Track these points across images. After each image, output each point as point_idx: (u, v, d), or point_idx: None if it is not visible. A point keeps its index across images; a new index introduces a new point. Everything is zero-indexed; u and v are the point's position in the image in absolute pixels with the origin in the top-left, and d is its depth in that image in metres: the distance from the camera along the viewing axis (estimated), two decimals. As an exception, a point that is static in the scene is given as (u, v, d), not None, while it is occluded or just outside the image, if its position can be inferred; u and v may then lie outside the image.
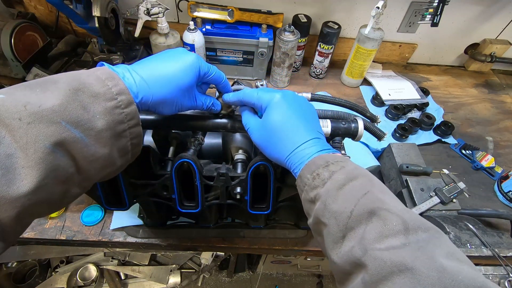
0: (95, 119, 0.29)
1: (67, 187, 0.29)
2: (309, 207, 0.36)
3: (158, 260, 1.53)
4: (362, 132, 0.48)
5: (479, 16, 1.07)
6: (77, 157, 0.29)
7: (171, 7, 1.00)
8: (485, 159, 0.88)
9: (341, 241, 0.31)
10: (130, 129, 0.33)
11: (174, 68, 0.38)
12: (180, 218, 0.68)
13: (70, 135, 0.27)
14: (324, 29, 0.97)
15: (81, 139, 0.28)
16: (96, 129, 0.29)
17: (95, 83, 0.30)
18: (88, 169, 0.30)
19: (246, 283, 1.62)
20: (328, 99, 0.55)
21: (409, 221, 0.29)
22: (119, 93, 0.31)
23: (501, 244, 0.71)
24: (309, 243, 0.70)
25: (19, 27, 0.82)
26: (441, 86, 1.16)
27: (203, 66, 0.41)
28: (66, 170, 0.28)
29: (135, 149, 0.36)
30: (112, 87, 0.31)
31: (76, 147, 0.28)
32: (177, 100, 0.39)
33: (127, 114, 0.32)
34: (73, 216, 0.69)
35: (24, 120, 0.25)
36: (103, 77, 0.31)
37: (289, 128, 0.39)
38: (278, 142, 0.39)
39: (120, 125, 0.32)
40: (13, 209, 0.25)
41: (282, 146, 0.39)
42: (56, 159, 0.27)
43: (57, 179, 0.27)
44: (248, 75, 1.07)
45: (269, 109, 0.40)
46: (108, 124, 0.30)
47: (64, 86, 0.29)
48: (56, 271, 1.40)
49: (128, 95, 0.32)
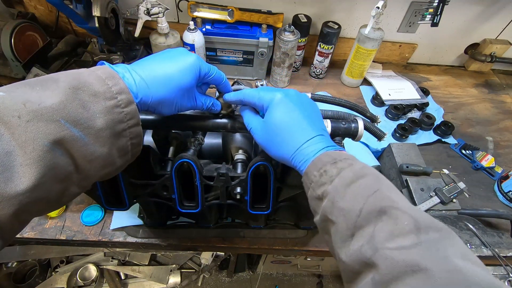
0: (95, 118, 0.29)
1: (66, 186, 0.29)
2: (316, 204, 0.36)
3: (158, 260, 1.53)
4: (362, 132, 0.48)
5: (479, 16, 1.07)
6: (76, 155, 0.29)
7: (171, 7, 1.00)
8: (485, 159, 0.88)
9: (350, 240, 0.31)
10: (130, 128, 0.33)
11: (174, 69, 0.38)
12: (180, 218, 0.68)
13: (69, 134, 0.27)
14: (324, 29, 0.97)
15: (80, 137, 0.28)
16: (95, 128, 0.29)
17: (95, 82, 0.30)
18: (87, 168, 0.30)
19: (246, 283, 1.62)
20: (328, 99, 0.55)
21: (420, 221, 0.28)
22: (119, 92, 0.31)
23: (501, 244, 0.71)
24: (309, 243, 0.70)
25: (19, 27, 0.82)
26: (441, 86, 1.16)
27: (204, 67, 0.41)
28: (65, 169, 0.28)
29: (135, 149, 0.35)
30: (112, 86, 0.31)
31: (75, 145, 0.28)
32: (176, 100, 0.39)
33: (127, 114, 0.32)
34: (73, 216, 0.69)
35: (23, 118, 0.25)
36: (103, 76, 0.31)
37: (293, 126, 0.39)
38: (282, 141, 0.39)
39: (119, 124, 0.31)
40: (10, 206, 0.25)
41: (286, 145, 0.39)
42: (55, 158, 0.27)
43: (55, 177, 0.27)
44: (248, 75, 1.07)
45: (271, 108, 0.40)
46: (108, 123, 0.30)
47: (64, 84, 0.29)
48: (56, 271, 1.40)
49: (128, 94, 0.32)
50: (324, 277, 1.66)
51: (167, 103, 0.38)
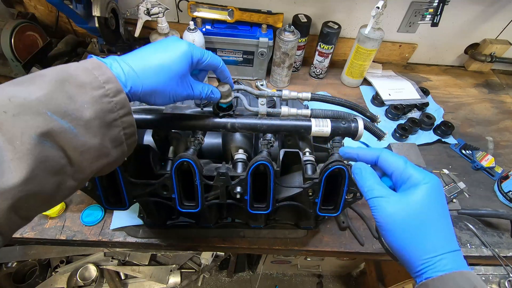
0: (83, 108, 0.29)
1: (61, 179, 0.29)
2: None
3: (158, 260, 1.53)
4: (362, 131, 0.48)
5: (479, 16, 1.07)
6: (67, 147, 0.28)
7: (171, 7, 1.00)
8: (485, 159, 0.88)
9: None
10: (122, 118, 0.32)
11: (164, 57, 0.37)
12: (180, 218, 0.68)
13: (57, 126, 0.27)
14: (324, 29, 0.97)
15: (69, 129, 0.28)
16: (84, 118, 0.29)
17: (81, 73, 0.30)
18: (80, 160, 0.30)
19: (246, 283, 1.62)
20: (328, 99, 0.55)
21: None
22: (106, 81, 0.31)
23: (501, 244, 0.71)
24: (309, 243, 0.70)
25: (19, 27, 0.82)
26: (441, 86, 1.16)
27: (196, 52, 0.40)
28: (56, 161, 0.28)
29: (130, 139, 0.35)
30: (99, 76, 0.31)
31: (64, 137, 0.28)
32: (170, 89, 0.38)
33: (117, 103, 0.31)
34: (73, 216, 0.69)
35: (9, 112, 0.25)
36: (90, 67, 0.31)
37: (441, 227, 0.33)
38: (422, 237, 0.33)
39: (109, 114, 0.31)
40: (4, 201, 0.25)
41: (425, 243, 0.33)
42: (45, 150, 0.27)
43: (48, 170, 0.27)
44: (248, 75, 1.07)
45: (423, 193, 0.34)
46: (96, 113, 0.30)
47: (50, 78, 0.29)
48: (56, 271, 1.40)
49: (116, 83, 0.32)
50: (324, 277, 1.66)
51: (160, 92, 0.37)
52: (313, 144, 0.55)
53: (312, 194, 0.50)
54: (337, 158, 0.46)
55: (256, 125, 0.47)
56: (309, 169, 0.50)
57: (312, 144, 0.55)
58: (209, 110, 0.52)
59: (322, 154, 0.57)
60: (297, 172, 0.53)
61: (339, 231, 0.72)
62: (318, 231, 0.72)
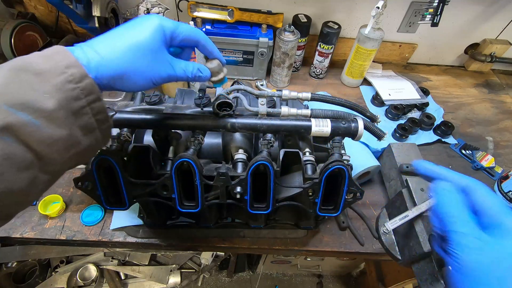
0: (44, 98, 0.27)
1: (32, 174, 0.28)
2: None
3: (158, 260, 1.53)
4: (362, 131, 0.48)
5: (479, 16, 1.08)
6: (30, 141, 0.26)
7: (171, 7, 1.00)
8: (485, 159, 0.88)
9: None
10: (90, 104, 0.30)
11: (131, 34, 0.34)
12: (180, 218, 0.68)
13: (16, 119, 0.25)
14: (324, 29, 0.97)
15: (30, 122, 0.26)
16: (47, 109, 0.27)
17: (40, 60, 0.28)
18: (48, 152, 0.28)
19: (246, 283, 1.62)
20: (328, 99, 0.55)
21: None
22: (68, 66, 0.28)
23: None
24: (309, 243, 0.70)
25: (19, 27, 0.82)
26: (441, 86, 1.16)
27: (168, 25, 0.36)
28: (21, 157, 0.26)
29: (103, 125, 0.32)
30: (59, 61, 0.28)
31: (25, 131, 0.26)
32: (143, 69, 0.34)
33: (83, 89, 0.29)
34: (73, 216, 0.69)
35: None
36: (49, 53, 0.29)
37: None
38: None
39: (76, 101, 0.29)
40: None
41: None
42: (7, 147, 0.25)
43: (15, 166, 0.26)
44: (248, 75, 1.07)
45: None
46: (60, 103, 0.27)
47: (5, 68, 0.27)
48: (56, 271, 1.40)
49: (80, 67, 0.29)
50: (324, 277, 1.66)
51: (132, 73, 0.33)
52: (313, 144, 0.55)
53: (312, 194, 0.50)
54: (337, 158, 0.46)
55: (256, 125, 0.47)
56: (309, 169, 0.50)
57: (312, 144, 0.55)
58: (209, 110, 0.52)
59: (322, 154, 0.57)
60: (297, 172, 0.53)
61: (339, 231, 0.72)
62: (318, 231, 0.72)
